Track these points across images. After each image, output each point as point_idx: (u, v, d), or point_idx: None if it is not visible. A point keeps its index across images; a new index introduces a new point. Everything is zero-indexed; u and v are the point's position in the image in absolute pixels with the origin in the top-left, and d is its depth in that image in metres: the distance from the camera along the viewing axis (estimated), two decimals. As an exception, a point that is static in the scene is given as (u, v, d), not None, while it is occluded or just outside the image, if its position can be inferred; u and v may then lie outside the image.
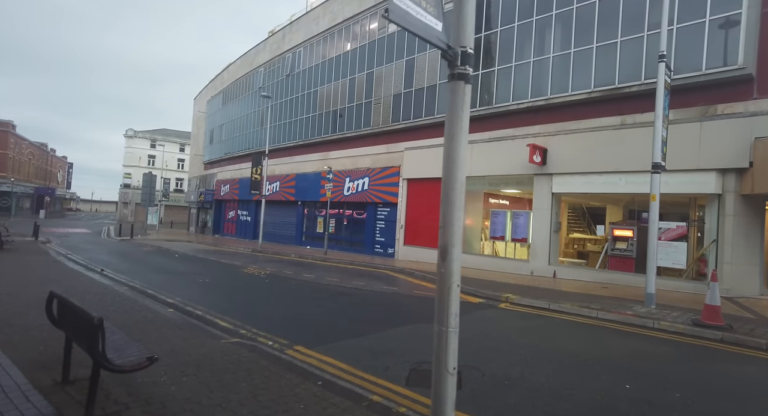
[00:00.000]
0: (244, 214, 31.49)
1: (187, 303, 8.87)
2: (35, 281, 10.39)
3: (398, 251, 18.52)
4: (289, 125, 26.00)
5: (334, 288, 11.28)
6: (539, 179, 13.86)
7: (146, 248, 21.77)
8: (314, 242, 23.90)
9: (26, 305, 7.68)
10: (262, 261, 17.35)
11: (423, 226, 17.73)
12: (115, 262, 15.81)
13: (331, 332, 6.99)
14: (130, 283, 11.16)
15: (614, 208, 17.21)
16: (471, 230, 16.40)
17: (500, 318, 8.24)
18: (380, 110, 19.63)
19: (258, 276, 13.32)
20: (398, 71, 18.82)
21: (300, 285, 11.68)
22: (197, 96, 45.58)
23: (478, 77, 15.54)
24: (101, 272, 13.00)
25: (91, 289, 9.77)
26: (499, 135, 15.05)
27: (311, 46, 24.73)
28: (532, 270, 13.86)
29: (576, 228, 16.67)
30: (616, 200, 16.48)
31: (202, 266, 15.84)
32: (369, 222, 20.38)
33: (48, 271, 12.32)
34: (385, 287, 11.45)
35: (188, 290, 10.55)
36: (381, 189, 19.53)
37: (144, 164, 61.00)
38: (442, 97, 16.89)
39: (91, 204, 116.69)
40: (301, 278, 12.98)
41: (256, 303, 9.27)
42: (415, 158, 18.02)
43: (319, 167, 23.63)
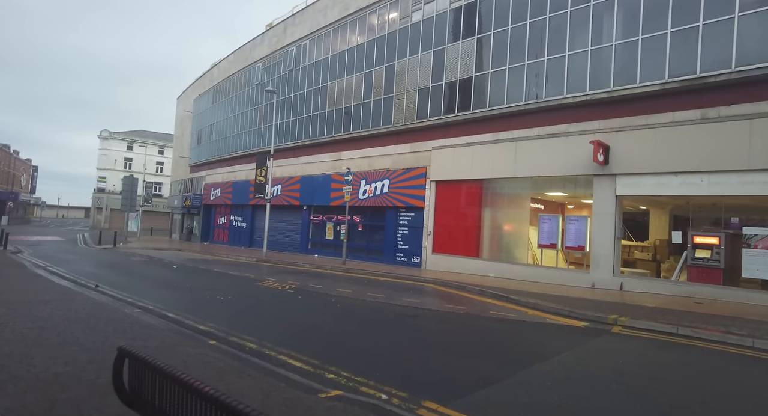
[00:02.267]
0: (238, 220, 29.19)
1: (228, 332, 6.99)
2: (20, 301, 8.25)
3: (426, 261, 16.84)
4: (292, 123, 24.07)
5: (389, 307, 9.50)
6: (600, 181, 12.49)
7: (136, 258, 19.38)
8: (323, 251, 21.95)
9: (23, 340, 5.68)
10: (277, 273, 15.37)
11: (455, 232, 16.13)
12: (107, 275, 13.57)
13: (444, 375, 5.26)
14: (139, 303, 9.15)
15: (658, 212, 16.07)
16: (515, 237, 14.91)
17: (630, 350, 6.63)
18: (403, 106, 18.01)
19: (285, 291, 11.41)
20: (425, 64, 17.27)
21: (345, 304, 9.85)
22: (181, 95, 42.97)
23: (524, 68, 14.14)
24: (96, 289, 10.91)
25: (97, 313, 7.74)
26: (549, 131, 13.65)
27: (318, 38, 22.95)
28: (593, 282, 12.43)
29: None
30: (661, 204, 15.33)
31: (210, 279, 13.77)
32: (389, 228, 18.64)
33: (31, 288, 10.10)
34: (449, 306, 9.75)
35: (215, 311, 8.62)
36: (404, 192, 17.86)
37: (120, 167, 57.39)
38: (478, 91, 15.41)
39: (57, 210, 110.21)
40: (337, 293, 11.15)
41: (313, 331, 7.42)
42: (445, 157, 16.45)
43: (329, 169, 21.79)
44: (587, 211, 14.23)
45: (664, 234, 15.68)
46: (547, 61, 13.62)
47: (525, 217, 14.58)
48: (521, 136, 14.31)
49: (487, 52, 15.27)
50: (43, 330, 6.44)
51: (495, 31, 15.03)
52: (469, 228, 15.72)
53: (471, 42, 15.73)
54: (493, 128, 15.12)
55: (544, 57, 13.67)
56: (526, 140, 14.19)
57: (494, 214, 15.43)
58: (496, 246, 15.25)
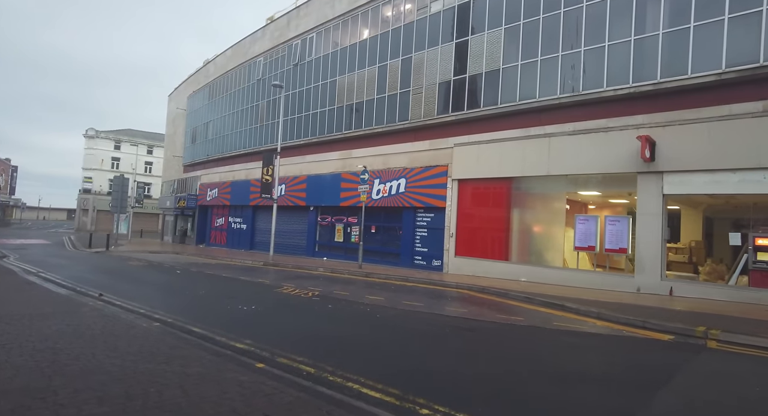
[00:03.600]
0: (237, 221, 27.91)
1: (271, 351, 5.96)
2: (20, 315, 7.08)
3: (448, 264, 15.90)
4: (297, 120, 22.96)
5: (436, 319, 8.53)
6: (645, 179, 11.71)
7: (133, 263, 18.07)
8: (332, 253, 20.87)
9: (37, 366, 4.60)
10: (292, 278, 14.28)
11: (481, 234, 15.23)
12: (107, 282, 12.34)
13: (572, 410, 4.29)
14: (154, 315, 8.04)
15: (690, 212, 15.40)
16: (547, 238, 14.08)
17: (753, 372, 5.72)
18: (421, 101, 17.08)
19: (310, 300, 10.36)
20: (446, 56, 16.36)
21: (385, 314, 8.84)
22: (173, 92, 41.51)
23: (558, 59, 13.33)
24: (101, 298, 9.76)
25: (112, 328, 6.68)
26: (586, 127, 12.85)
27: (326, 31, 21.91)
28: (639, 286, 11.63)
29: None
30: (695, 202, 14.66)
31: (222, 285, 12.64)
32: (406, 230, 17.66)
33: (27, 299, 8.90)
34: (502, 316, 8.80)
35: (244, 325, 7.58)
36: (422, 191, 16.91)
37: (107, 167, 55.36)
38: (506, 83, 14.56)
39: (38, 211, 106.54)
40: (369, 301, 10.13)
41: (366, 349, 6.40)
42: (469, 155, 15.56)
43: (338, 168, 20.74)
44: (628, 211, 13.47)
45: (698, 235, 15.03)
46: (584, 52, 12.82)
47: (559, 218, 13.75)
48: (555, 131, 13.48)
49: (516, 43, 14.43)
50: (57, 351, 5.34)
51: (524, 20, 14.20)
52: (496, 230, 14.84)
53: (497, 33, 14.87)
54: (522, 124, 14.28)
55: (581, 48, 12.87)
56: (560, 136, 13.37)
57: (524, 214, 14.57)
58: (526, 249, 14.39)
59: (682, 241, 15.27)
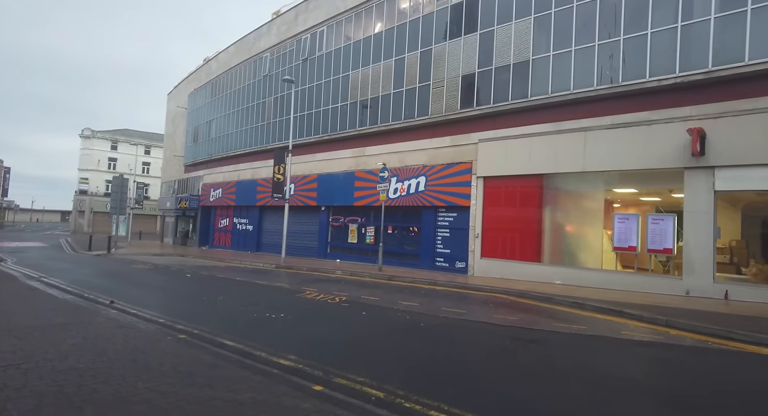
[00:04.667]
0: (242, 222, 26.99)
1: (324, 369, 5.19)
2: (30, 327, 6.23)
3: (473, 266, 15.10)
4: (307, 117, 22.10)
5: (488, 328, 7.72)
6: (693, 174, 10.98)
7: (138, 266, 17.15)
8: (345, 255, 20.03)
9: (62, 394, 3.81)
10: (311, 281, 13.43)
11: (509, 234, 14.45)
12: (116, 288, 11.45)
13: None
14: (177, 326, 7.26)
15: (728, 210, 14.66)
16: (583, 239, 13.31)
17: None
18: (442, 95, 16.29)
19: (340, 306, 9.54)
20: (469, 48, 15.59)
21: (430, 324, 8.02)
22: (172, 91, 40.50)
23: (594, 49, 12.59)
24: (113, 306, 8.93)
25: (135, 342, 5.87)
26: (626, 120, 12.12)
27: (337, 25, 21.09)
28: (688, 289, 10.90)
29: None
30: (734, 200, 13.93)
31: (239, 290, 11.77)
32: (426, 230, 16.85)
33: (34, 307, 8.03)
34: (560, 324, 8.00)
35: (279, 336, 6.81)
36: (444, 190, 16.12)
37: (104, 168, 54.16)
38: (536, 75, 13.81)
39: (31, 213, 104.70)
40: (404, 308, 9.31)
41: (431, 367, 5.57)
42: (495, 150, 14.79)
43: (351, 166, 19.91)
44: (672, 208, 12.71)
45: (736, 234, 14.31)
46: (623, 40, 12.08)
47: (595, 216, 12.99)
48: (591, 125, 12.74)
49: (547, 32, 13.68)
50: (82, 373, 4.53)
51: (556, 9, 13.46)
52: (526, 229, 14.07)
53: (526, 22, 14.13)
54: (554, 117, 13.53)
55: (620, 36, 12.13)
56: (596, 130, 12.63)
57: (557, 213, 13.81)
58: (560, 249, 13.63)
59: (721, 240, 14.56)
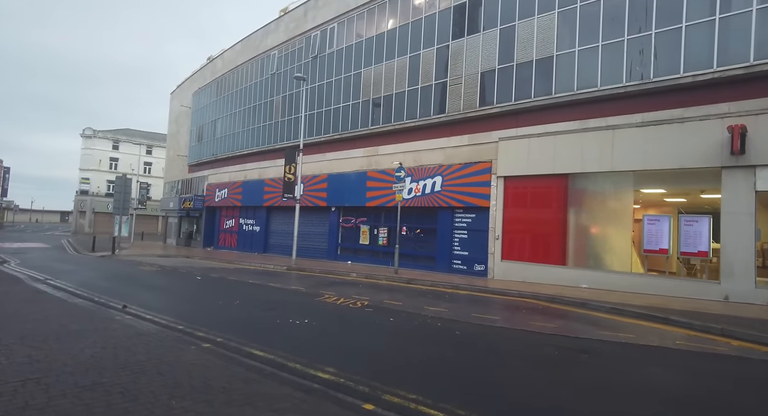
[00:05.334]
0: (249, 223, 26.48)
1: (369, 384, 4.73)
2: (43, 334, 5.74)
3: (493, 269, 14.60)
4: (317, 116, 21.61)
5: (530, 337, 7.22)
6: (732, 174, 10.51)
7: (145, 268, 16.64)
8: (357, 257, 19.53)
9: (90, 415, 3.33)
10: (326, 284, 12.93)
11: (531, 236, 13.96)
12: (126, 291, 10.95)
13: None
14: (197, 333, 6.78)
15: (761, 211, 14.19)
16: (611, 241, 12.81)
17: None
18: (460, 93, 15.82)
19: (364, 311, 9.05)
20: (489, 43, 15.13)
21: (464, 331, 7.53)
22: (176, 90, 40.01)
23: (623, 44, 12.13)
24: (125, 310, 8.47)
25: (158, 352, 5.41)
26: (657, 117, 11.65)
27: (348, 21, 20.62)
28: (726, 294, 10.41)
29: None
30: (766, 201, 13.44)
31: (253, 293, 11.26)
32: (443, 232, 16.36)
33: (44, 312, 7.53)
34: (606, 333, 7.50)
35: (310, 346, 6.33)
36: (461, 190, 15.63)
37: (105, 168, 53.62)
38: (561, 72, 13.35)
39: (30, 214, 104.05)
40: (432, 314, 8.82)
41: (485, 381, 5.09)
42: (517, 149, 14.31)
43: (363, 165, 19.42)
44: (695, 209, 12.24)
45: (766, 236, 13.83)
46: (655, 35, 11.62)
47: (623, 217, 12.49)
48: (619, 123, 12.27)
49: (572, 27, 13.22)
50: (108, 389, 4.08)
51: (582, 3, 12.99)
52: (549, 231, 13.58)
53: (549, 17, 13.66)
54: (580, 115, 13.06)
55: (652, 30, 11.67)
56: (625, 128, 12.16)
57: (583, 214, 13.33)
58: (586, 252, 13.13)
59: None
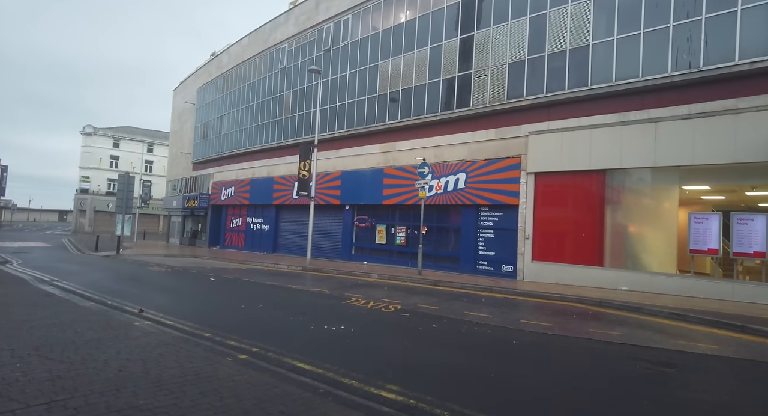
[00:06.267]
0: (257, 222, 25.69)
1: (448, 407, 3.92)
2: (60, 343, 5.00)
3: (523, 270, 13.87)
4: (330, 111, 20.84)
5: (597, 347, 6.49)
6: (792, 168, 9.81)
7: (154, 269, 15.85)
8: (372, 257, 18.77)
9: None
10: (348, 286, 12.19)
11: (565, 235, 13.23)
12: (139, 293, 10.18)
13: None
14: (228, 341, 6.08)
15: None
16: (653, 240, 12.09)
17: None
18: (485, 85, 15.08)
19: (399, 316, 8.32)
20: (517, 33, 14.39)
21: (521, 340, 6.80)
22: (179, 86, 39.22)
23: (668, 31, 11.41)
24: (142, 315, 7.72)
25: (192, 365, 4.68)
26: (706, 109, 10.93)
27: (364, 12, 19.87)
28: (788, 298, 9.70)
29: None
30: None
31: (275, 296, 10.50)
32: (467, 231, 15.61)
33: (56, 317, 6.78)
34: (682, 342, 6.75)
35: (354, 357, 5.56)
36: (487, 187, 14.90)
37: (106, 166, 52.72)
38: (597, 62, 12.62)
39: (28, 213, 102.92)
40: (476, 320, 8.10)
41: (589, 407, 4.35)
42: (549, 144, 13.59)
43: (380, 162, 18.68)
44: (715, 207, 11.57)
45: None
46: (705, 20, 10.90)
47: (668, 216, 11.77)
48: (663, 115, 11.55)
49: (609, 15, 12.50)
50: (150, 416, 3.30)
51: (621, -12, 12.28)
52: (585, 230, 12.85)
53: (585, 4, 12.94)
54: (619, 107, 12.34)
55: (701, 16, 10.95)
56: (669, 121, 11.44)
57: (621, 212, 12.60)
58: (624, 252, 12.40)
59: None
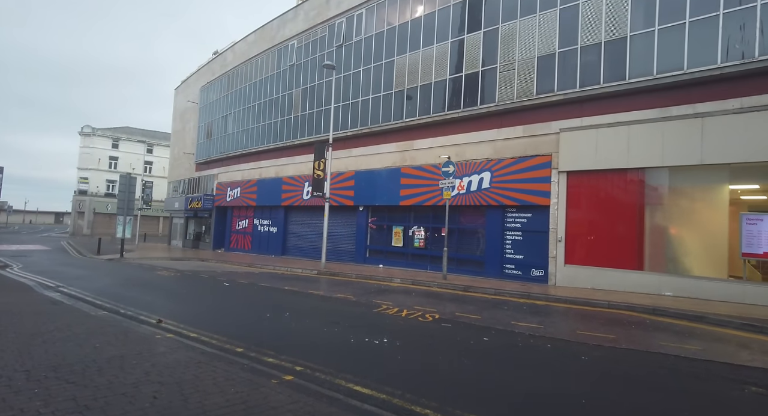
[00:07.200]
0: (264, 224, 24.87)
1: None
2: (79, 361, 4.21)
3: (555, 274, 13.13)
4: (343, 109, 20.09)
5: (681, 364, 5.72)
6: None
7: (162, 273, 15.03)
8: (388, 260, 18.00)
9: None
10: (373, 292, 11.41)
11: (601, 237, 12.50)
12: (151, 300, 9.37)
13: None
14: (264, 358, 5.41)
15: None
16: (700, 243, 11.34)
17: None
18: (513, 80, 14.37)
19: (441, 326, 7.57)
20: (547, 25, 13.70)
21: (590, 355, 6.03)
22: (180, 86, 38.36)
23: (717, 20, 10.72)
24: (161, 325, 6.94)
25: (237, 389, 3.92)
26: (763, 102, 10.23)
27: (378, 6, 19.15)
28: None
29: None
30: None
31: (299, 303, 9.71)
32: (492, 233, 14.86)
33: (68, 328, 6.04)
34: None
35: (411, 377, 4.70)
36: (514, 187, 14.16)
37: (104, 167, 51.74)
38: (635, 54, 11.92)
39: (24, 215, 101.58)
40: (527, 330, 7.34)
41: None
42: (582, 141, 12.87)
43: (396, 161, 17.92)
44: None
45: None
46: (760, 6, 10.22)
47: (717, 217, 11.04)
48: (711, 110, 10.85)
49: (649, 5, 11.82)
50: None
51: (662, -24, 11.60)
52: (622, 232, 12.13)
53: (621, -7, 12.26)
54: (660, 102, 11.64)
55: (756, 1, 10.27)
56: (718, 116, 10.74)
57: (663, 213, 11.88)
58: (665, 256, 11.68)
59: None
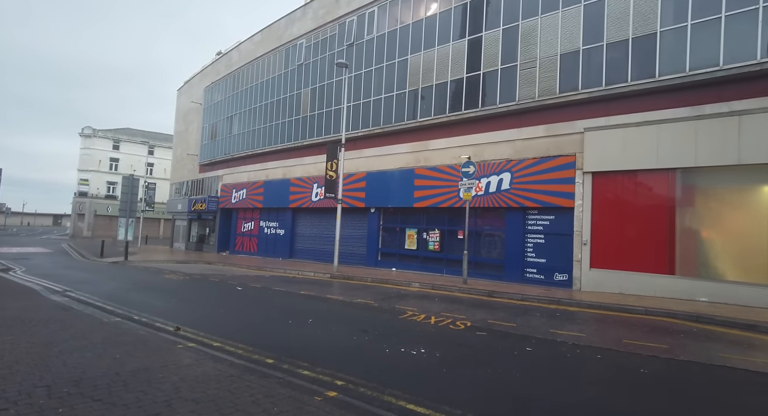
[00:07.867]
0: (271, 226, 24.36)
1: None
2: (102, 376, 3.69)
3: (580, 279, 12.65)
4: (353, 109, 19.64)
5: (758, 381, 5.26)
6: None
7: (170, 276, 14.51)
8: (401, 264, 17.51)
9: None
10: (392, 297, 10.91)
11: (629, 240, 12.03)
12: (163, 306, 8.88)
13: None
14: (298, 370, 5.03)
15: None
16: (737, 246, 10.87)
17: None
18: (534, 78, 13.94)
19: (476, 335, 7.10)
20: (570, 22, 13.29)
21: (648, 367, 5.57)
22: (183, 86, 37.93)
23: (757, 14, 10.32)
24: (178, 333, 6.51)
25: (279, 410, 3.32)
26: (802, 100, 9.83)
27: (391, 4, 18.75)
28: None
29: None
30: None
31: (317, 308, 9.21)
32: (512, 236, 14.39)
33: (83, 337, 5.56)
34: None
35: (477, 392, 4.25)
36: (536, 188, 13.71)
37: (105, 169, 51.20)
38: (666, 51, 11.51)
39: (22, 217, 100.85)
40: (568, 339, 6.89)
41: None
42: (608, 141, 12.43)
43: (410, 162, 17.46)
44: None
45: None
46: (800, 1, 9.83)
47: (756, 219, 10.58)
48: (748, 108, 10.43)
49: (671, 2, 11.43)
50: None
51: (693, -30, 11.20)
52: (652, 235, 11.67)
53: (650, -12, 11.86)
54: (692, 100, 11.22)
55: (795, -3, 9.88)
56: (756, 114, 10.32)
57: (696, 215, 11.42)
58: (698, 260, 11.21)
59: None
